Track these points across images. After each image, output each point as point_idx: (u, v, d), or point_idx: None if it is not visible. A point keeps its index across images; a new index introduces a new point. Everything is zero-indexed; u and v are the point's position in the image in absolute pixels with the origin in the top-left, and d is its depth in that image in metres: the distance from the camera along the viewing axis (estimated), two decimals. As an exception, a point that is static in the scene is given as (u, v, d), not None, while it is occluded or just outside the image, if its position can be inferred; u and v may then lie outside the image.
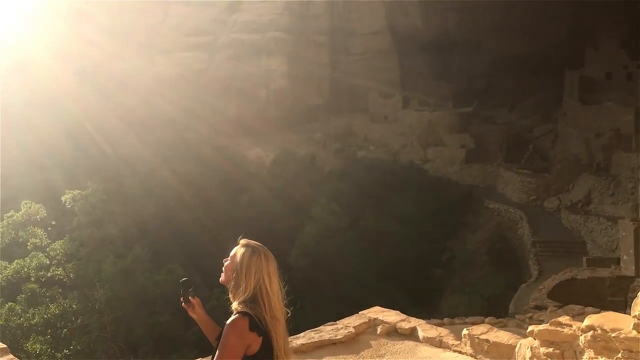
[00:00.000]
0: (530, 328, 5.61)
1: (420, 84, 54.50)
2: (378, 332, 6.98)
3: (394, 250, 36.61)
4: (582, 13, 46.42)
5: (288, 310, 3.78)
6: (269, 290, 3.64)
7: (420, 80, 54.67)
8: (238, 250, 3.77)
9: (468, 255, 37.81)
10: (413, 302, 28.60)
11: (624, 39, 45.75)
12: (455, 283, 33.47)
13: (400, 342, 6.76)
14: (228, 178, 47.05)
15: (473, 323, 11.09)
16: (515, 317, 17.37)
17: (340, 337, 6.76)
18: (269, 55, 57.20)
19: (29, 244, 25.87)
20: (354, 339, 6.82)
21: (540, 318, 15.20)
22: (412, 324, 6.99)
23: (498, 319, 14.41)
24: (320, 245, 36.39)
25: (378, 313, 7.39)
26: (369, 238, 37.68)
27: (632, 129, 39.53)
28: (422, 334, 6.77)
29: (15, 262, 25.27)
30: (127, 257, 28.60)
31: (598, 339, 4.87)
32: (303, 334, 6.97)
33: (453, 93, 54.49)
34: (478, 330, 6.28)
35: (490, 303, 27.48)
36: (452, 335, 6.59)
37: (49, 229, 28.59)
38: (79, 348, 23.72)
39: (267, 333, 3.60)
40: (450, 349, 6.45)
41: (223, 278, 3.85)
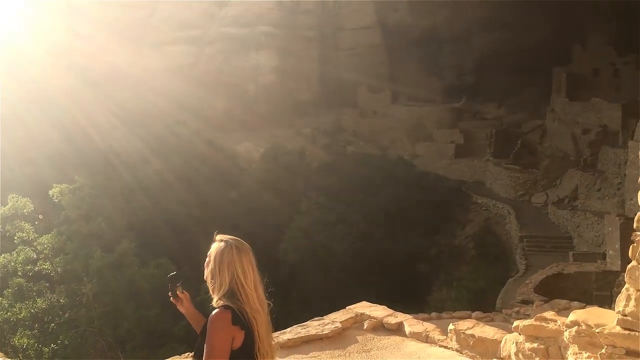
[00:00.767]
0: (516, 323, 5.67)
1: (410, 80, 54.63)
2: (365, 327, 7.02)
3: (383, 245, 36.78)
4: (570, 10, 46.69)
5: (270, 302, 3.78)
6: (244, 283, 3.65)
7: (410, 76, 54.80)
8: (212, 247, 3.79)
9: (456, 250, 38.08)
10: (401, 296, 28.73)
11: (612, 36, 46.10)
12: (443, 277, 33.70)
13: (387, 337, 6.80)
14: (217, 172, 47.01)
15: (460, 318, 11.18)
16: (503, 311, 17.54)
17: (327, 332, 6.79)
18: (259, 50, 57.08)
19: (16, 238, 25.68)
20: (341, 334, 6.85)
21: (527, 312, 15.35)
22: (398, 319, 7.04)
23: (485, 314, 14.53)
24: (309, 240, 36.47)
25: (365, 308, 7.43)
26: (358, 232, 37.84)
27: (618, 125, 39.91)
28: (408, 329, 6.82)
29: (2, 256, 25.07)
30: (115, 251, 28.50)
31: (582, 335, 4.93)
32: (290, 329, 7.00)
33: (442, 88, 54.72)
34: (464, 326, 6.33)
35: (478, 297, 27.65)
36: (438, 330, 6.64)
37: (36, 223, 28.39)
38: (67, 342, 23.63)
39: (249, 327, 3.61)
40: (437, 344, 6.50)
41: (205, 275, 3.89)
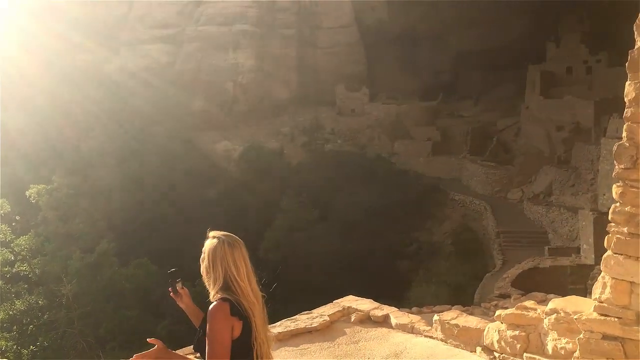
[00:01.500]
0: (498, 312, 5.91)
1: (388, 78, 55.02)
2: (352, 320, 7.21)
3: (362, 242, 37.00)
4: (544, 9, 47.44)
5: (263, 294, 3.93)
6: (237, 277, 3.76)
7: (388, 74, 55.17)
8: (206, 243, 3.91)
9: (434, 246, 38.48)
10: (381, 292, 28.94)
11: (585, 35, 46.96)
12: (422, 273, 33.99)
13: (374, 329, 7.00)
14: (196, 171, 46.81)
15: (441, 312, 11.39)
16: (481, 305, 17.83)
17: (316, 325, 6.97)
18: (236, 49, 56.91)
19: (-7, 240, 25.45)
20: (329, 327, 7.03)
21: (505, 306, 15.66)
22: (384, 312, 7.25)
23: (465, 308, 14.78)
24: (290, 238, 36.54)
25: (352, 302, 7.63)
26: (338, 230, 38.00)
27: (591, 122, 40.61)
28: (394, 321, 7.03)
29: (-21, 258, 24.83)
30: (94, 251, 28.34)
31: (561, 321, 5.18)
32: (279, 323, 7.15)
33: (420, 87, 55.18)
34: (448, 316, 6.57)
35: (457, 292, 28.03)
36: (423, 322, 6.86)
37: (13, 224, 28.15)
38: (46, 344, 23.47)
39: (247, 318, 3.74)
40: (422, 335, 6.72)
41: (201, 271, 3.99)
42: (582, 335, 4.87)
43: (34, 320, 24.47)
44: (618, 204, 4.54)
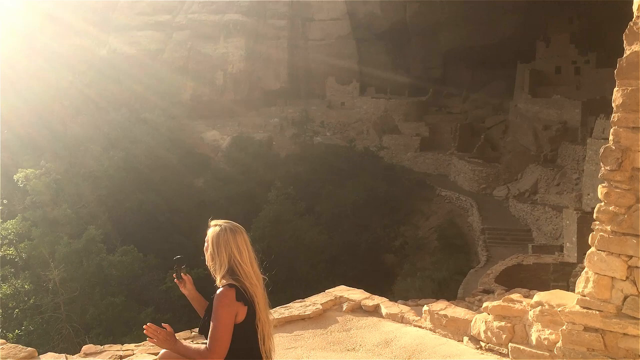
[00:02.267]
0: (485, 304, 6.15)
1: (378, 72, 55.18)
2: (344, 309, 7.43)
3: (349, 235, 37.21)
4: (534, 9, 47.83)
5: (265, 277, 4.12)
6: (240, 261, 3.98)
7: (378, 68, 55.33)
8: (209, 232, 4.10)
9: (420, 241, 38.77)
10: (366, 285, 29.19)
11: (574, 35, 47.42)
12: (408, 268, 34.27)
13: (365, 318, 7.23)
14: (184, 160, 46.72)
15: (426, 304, 11.63)
16: (465, 299, 18.14)
17: (309, 313, 7.18)
18: (227, 38, 56.71)
19: (-21, 223, 25.38)
20: (322, 315, 7.25)
21: (489, 301, 15.96)
22: (375, 302, 7.48)
23: (449, 302, 15.07)
24: (276, 229, 36.62)
25: (343, 291, 7.86)
26: (325, 223, 38.16)
27: (578, 122, 41.11)
28: (385, 311, 7.26)
29: (-35, 241, 24.76)
30: (81, 237, 28.34)
31: (545, 314, 5.43)
32: (273, 310, 7.36)
33: (409, 82, 55.41)
34: (437, 307, 6.81)
35: (441, 287, 28.37)
36: (413, 312, 7.10)
37: (0, 208, 28.04)
38: (32, 328, 23.51)
39: (251, 302, 3.94)
40: (412, 324, 6.95)
41: (206, 260, 4.17)
42: (564, 327, 5.11)
43: (20, 305, 24.49)
44: (603, 204, 4.76)
